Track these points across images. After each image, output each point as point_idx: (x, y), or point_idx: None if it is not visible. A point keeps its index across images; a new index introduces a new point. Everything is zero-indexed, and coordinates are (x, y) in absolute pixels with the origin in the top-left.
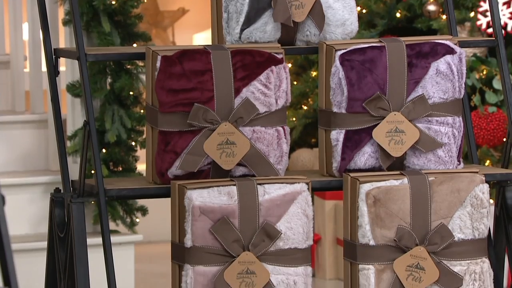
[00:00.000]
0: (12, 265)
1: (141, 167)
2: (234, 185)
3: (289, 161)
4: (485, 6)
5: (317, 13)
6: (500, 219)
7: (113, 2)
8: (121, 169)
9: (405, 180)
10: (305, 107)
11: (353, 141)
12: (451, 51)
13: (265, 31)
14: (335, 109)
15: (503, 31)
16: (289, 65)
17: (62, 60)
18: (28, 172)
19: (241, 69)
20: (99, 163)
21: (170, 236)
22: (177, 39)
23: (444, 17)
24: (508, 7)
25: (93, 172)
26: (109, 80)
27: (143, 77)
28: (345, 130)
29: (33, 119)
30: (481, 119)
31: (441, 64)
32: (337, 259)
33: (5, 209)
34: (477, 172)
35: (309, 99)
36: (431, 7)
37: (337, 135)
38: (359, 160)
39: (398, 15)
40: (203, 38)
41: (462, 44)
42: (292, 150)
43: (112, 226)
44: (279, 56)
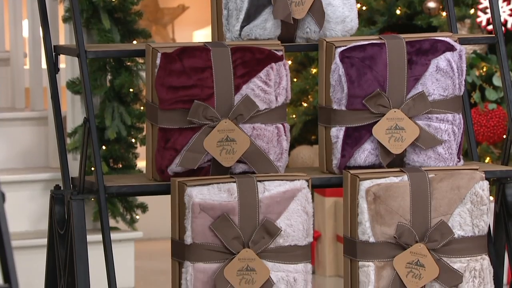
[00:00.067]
0: (12, 262)
1: (141, 164)
2: (234, 182)
3: (289, 158)
4: (485, 3)
5: (317, 10)
6: (500, 216)
7: None
8: (121, 166)
9: (405, 177)
10: (305, 104)
11: (353, 138)
12: (451, 48)
13: (265, 28)
14: (335, 106)
15: (503, 28)
16: (289, 62)
17: (62, 57)
18: (28, 169)
19: (241, 66)
20: (99, 160)
21: (170, 233)
22: (177, 36)
23: (444, 14)
24: (508, 4)
25: (93, 169)
26: (109, 77)
27: (143, 74)
28: (345, 127)
29: (33, 116)
30: (481, 116)
31: (441, 61)
32: (337, 256)
33: (5, 206)
34: (477, 169)
35: (309, 96)
36: (431, 4)
37: (337, 132)
38: (359, 157)
39: (398, 12)
40: (203, 35)
41: (462, 41)
42: (292, 147)
43: (112, 223)
44: (279, 53)
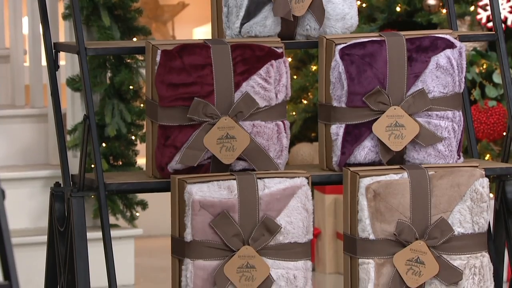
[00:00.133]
0: (12, 259)
1: (141, 161)
2: (234, 179)
3: (289, 156)
4: (485, 0)
5: (317, 7)
6: (500, 213)
7: None
8: (121, 163)
9: (405, 174)
10: (305, 101)
11: (353, 136)
12: (451, 45)
13: (265, 25)
14: (335, 103)
15: (503, 25)
16: (289, 59)
17: (62, 54)
18: (28, 166)
19: (241, 63)
20: (99, 157)
21: (170, 230)
22: (177, 33)
23: (444, 11)
24: (508, 1)
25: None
26: (109, 74)
27: (143, 71)
28: (345, 124)
29: (33, 113)
30: (481, 113)
31: (441, 58)
32: (337, 253)
33: (5, 203)
34: (477, 166)
35: (309, 93)
36: (431, 1)
37: (337, 130)
38: (359, 155)
39: (398, 9)
40: (203, 32)
41: (462, 38)
42: (292, 144)
43: (112, 220)
44: (279, 50)
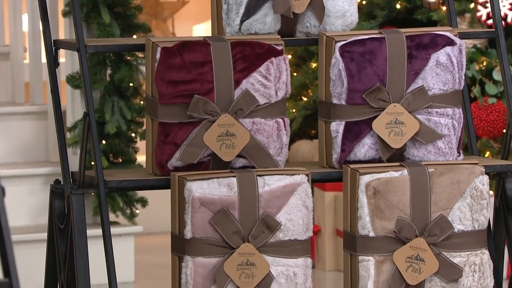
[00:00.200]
0: (12, 257)
1: (141, 158)
2: (234, 176)
3: (289, 153)
4: None
5: (317, 4)
6: (500, 210)
7: None
8: (121, 160)
9: (405, 172)
10: (305, 99)
11: (353, 133)
12: (451, 43)
13: (265, 22)
14: (335, 101)
15: (503, 22)
16: (289, 56)
17: (62, 52)
18: (28, 164)
19: (241, 61)
20: (99, 154)
21: (170, 228)
22: (177, 30)
23: (444, 8)
24: None
25: (93, 163)
26: (109, 72)
27: (143, 69)
28: (345, 121)
29: (33, 110)
30: (481, 110)
31: (441, 55)
32: (337, 251)
33: (5, 200)
34: (477, 164)
35: (309, 91)
36: None
37: (337, 127)
38: (359, 152)
39: (398, 6)
40: (203, 29)
41: (462, 36)
42: (292, 141)
43: (112, 217)
44: (279, 48)
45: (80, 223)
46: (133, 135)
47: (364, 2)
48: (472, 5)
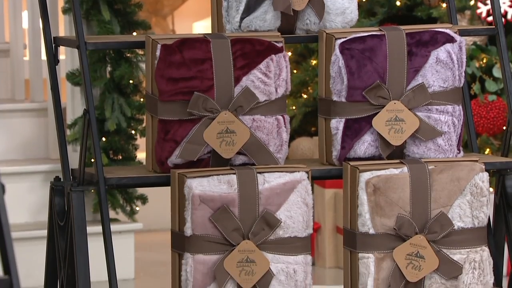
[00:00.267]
0: (12, 254)
1: (141, 155)
2: (234, 173)
3: (289, 150)
4: None
5: (317, 1)
6: (500, 207)
7: None
8: (121, 157)
9: (405, 169)
10: (305, 96)
11: (353, 130)
12: (451, 40)
13: (265, 19)
14: (335, 98)
15: (503, 20)
16: (289, 53)
17: (62, 49)
18: (28, 161)
19: (241, 58)
20: (99, 151)
21: (170, 225)
22: (177, 27)
23: (444, 5)
24: None
25: (93, 160)
26: (109, 69)
27: (143, 66)
28: (345, 118)
29: (33, 107)
30: (481, 107)
31: (441, 52)
32: (337, 248)
33: (5, 197)
34: (477, 161)
35: (309, 88)
36: None
37: (337, 124)
38: (359, 149)
39: (398, 3)
40: (202, 26)
41: (462, 33)
42: (292, 138)
43: (112, 214)
44: (279, 45)
45: (80, 220)
46: (133, 132)
47: (364, 0)
48: (472, 2)
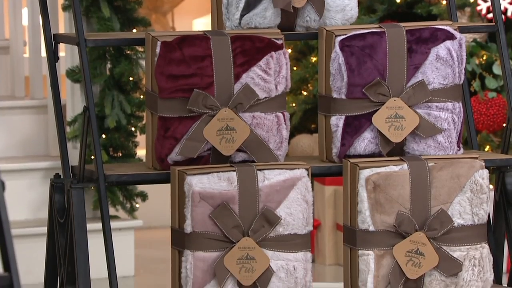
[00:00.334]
0: (12, 251)
1: (141, 152)
2: (234, 171)
3: (288, 147)
4: None
5: None
6: (500, 204)
7: None
8: (120, 154)
9: (405, 166)
10: (305, 93)
11: (353, 127)
12: (451, 37)
13: (265, 16)
14: (335, 95)
15: (503, 16)
16: (289, 50)
17: (62, 46)
18: (28, 158)
19: (240, 55)
20: (99, 148)
21: (170, 222)
22: (176, 24)
23: (444, 2)
24: None
25: (93, 157)
26: (108, 66)
27: (142, 63)
28: (345, 116)
29: (33, 104)
30: (481, 104)
31: (441, 49)
32: (336, 245)
33: (5, 194)
34: (476, 158)
35: (309, 85)
36: None
37: (337, 121)
38: (359, 146)
39: (398, 0)
40: (202, 23)
41: (462, 30)
42: (291, 135)
43: (112, 211)
44: (279, 42)
45: (80, 217)
46: (133, 129)
47: None
48: None
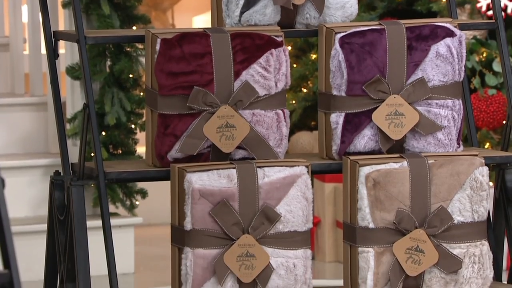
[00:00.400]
0: (12, 248)
1: (140, 150)
2: (234, 168)
3: (288, 144)
4: None
5: None
6: (500, 201)
7: None
8: (120, 152)
9: (405, 163)
10: (304, 90)
11: (353, 124)
12: (451, 34)
13: (265, 13)
14: (334, 92)
15: (503, 14)
16: (289, 48)
17: (62, 43)
18: (28, 155)
19: (240, 52)
20: (99, 146)
21: (170, 219)
22: (176, 21)
23: None
24: None
25: (92, 155)
26: (108, 63)
27: (142, 60)
28: (345, 113)
29: (33, 101)
30: (481, 101)
31: (441, 46)
32: (336, 242)
33: (5, 191)
34: (476, 155)
35: (308, 82)
36: None
37: (337, 118)
38: (358, 143)
39: None
40: (202, 20)
41: (462, 27)
42: (291, 133)
43: (112, 208)
44: (279, 39)
45: (80, 215)
46: (132, 126)
47: None
48: None
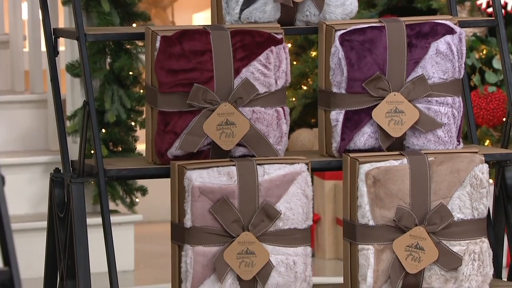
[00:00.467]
0: (12, 245)
1: (140, 147)
2: (234, 165)
3: (288, 141)
4: None
5: None
6: (500, 199)
7: None
8: (120, 149)
9: (405, 160)
10: (304, 87)
11: (353, 122)
12: (451, 31)
13: (265, 11)
14: (334, 90)
15: (503, 11)
16: (289, 45)
17: (62, 40)
18: (28, 152)
19: (240, 49)
20: (99, 143)
21: (170, 216)
22: (176, 19)
23: None
24: None
25: (92, 152)
26: (108, 60)
27: (142, 57)
28: (345, 110)
29: (33, 99)
30: (480, 99)
31: (441, 44)
32: (336, 239)
33: (5, 189)
34: (476, 152)
35: (308, 79)
36: None
37: (337, 116)
38: (358, 141)
39: None
40: (202, 18)
41: (462, 24)
42: (291, 130)
43: (111, 206)
44: (279, 36)
45: (80, 212)
46: (132, 123)
47: None
48: None
